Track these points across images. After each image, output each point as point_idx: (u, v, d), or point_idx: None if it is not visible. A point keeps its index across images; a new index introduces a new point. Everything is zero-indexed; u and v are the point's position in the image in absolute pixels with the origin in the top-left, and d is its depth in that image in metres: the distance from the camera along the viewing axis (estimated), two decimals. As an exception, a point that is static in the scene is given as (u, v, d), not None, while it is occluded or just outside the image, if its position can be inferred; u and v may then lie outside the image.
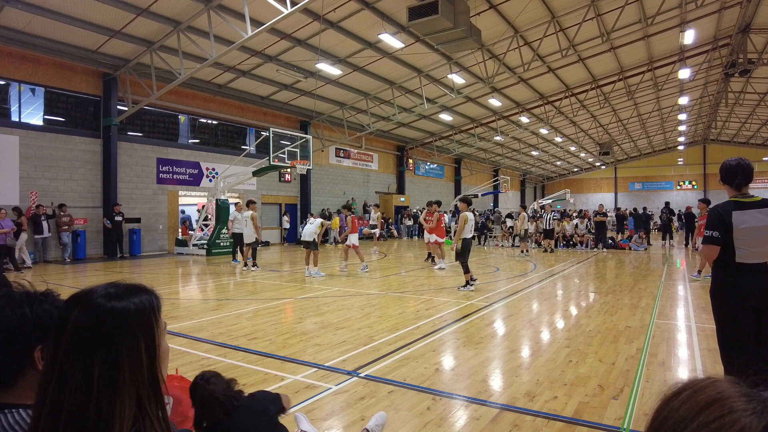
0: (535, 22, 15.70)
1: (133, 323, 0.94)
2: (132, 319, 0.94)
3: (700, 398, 0.59)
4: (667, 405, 0.62)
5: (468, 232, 9.19)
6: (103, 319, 0.91)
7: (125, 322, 0.93)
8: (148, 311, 0.98)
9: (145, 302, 0.98)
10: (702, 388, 0.60)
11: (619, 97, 25.50)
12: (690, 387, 0.62)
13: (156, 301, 1.01)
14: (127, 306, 0.94)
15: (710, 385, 0.60)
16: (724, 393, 0.58)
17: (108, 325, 0.91)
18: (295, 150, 16.92)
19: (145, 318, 0.96)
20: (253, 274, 11.74)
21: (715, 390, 0.59)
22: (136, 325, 0.94)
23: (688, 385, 0.62)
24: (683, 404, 0.60)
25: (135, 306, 0.96)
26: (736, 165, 3.36)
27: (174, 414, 2.25)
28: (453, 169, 37.33)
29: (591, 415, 3.46)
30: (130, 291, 0.98)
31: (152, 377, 0.96)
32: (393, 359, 4.82)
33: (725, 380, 0.61)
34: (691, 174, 45.45)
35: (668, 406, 0.62)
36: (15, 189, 13.79)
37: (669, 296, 8.53)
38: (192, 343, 5.45)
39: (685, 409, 0.59)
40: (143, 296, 0.99)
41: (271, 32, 13.90)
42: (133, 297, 0.97)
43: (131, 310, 0.95)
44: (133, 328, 0.94)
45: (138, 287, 1.01)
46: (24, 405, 1.03)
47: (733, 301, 3.29)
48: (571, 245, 19.87)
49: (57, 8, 12.18)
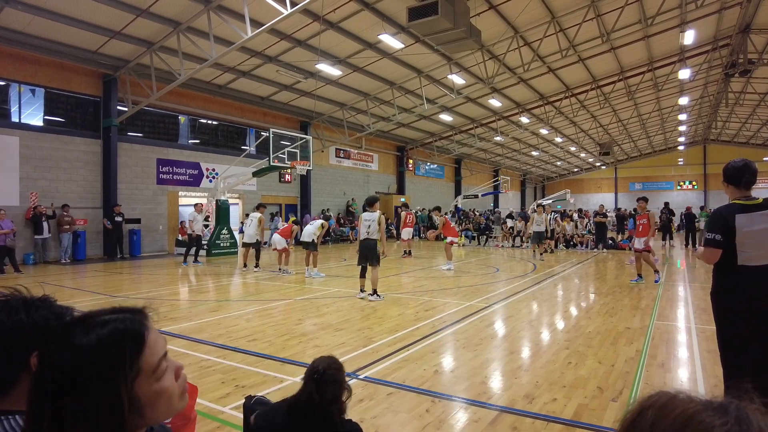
0: (535, 23, 15.70)
1: (88, 380, 0.75)
2: (88, 373, 0.75)
3: (670, 419, 0.56)
4: (634, 427, 0.59)
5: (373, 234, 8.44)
6: (60, 370, 0.75)
7: (80, 376, 0.75)
8: (111, 361, 0.77)
9: (109, 349, 0.77)
10: (664, 406, 0.58)
11: (619, 98, 25.48)
12: (650, 406, 0.59)
13: (134, 336, 0.81)
14: (83, 356, 0.75)
15: (670, 402, 0.58)
16: (690, 410, 0.56)
17: (61, 380, 0.74)
18: (295, 150, 16.91)
19: (104, 373, 0.76)
20: (255, 275, 11.74)
21: (680, 407, 0.57)
22: (91, 383, 0.75)
23: (644, 405, 0.59)
24: (654, 425, 0.57)
25: (94, 355, 0.76)
26: (743, 165, 3.33)
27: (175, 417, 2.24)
28: (453, 170, 37.33)
29: (590, 417, 3.45)
30: (98, 326, 0.79)
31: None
32: (392, 361, 4.82)
33: (680, 395, 0.59)
34: (692, 174, 45.42)
35: (636, 428, 0.58)
36: (15, 190, 13.79)
37: (669, 297, 8.52)
38: (191, 345, 5.45)
39: (658, 430, 0.56)
40: (112, 337, 0.79)
41: (271, 33, 13.90)
42: (96, 339, 0.77)
43: (88, 361, 0.76)
44: (87, 387, 0.75)
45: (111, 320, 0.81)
46: (20, 411, 1.03)
47: (735, 304, 3.26)
48: (571, 246, 19.87)
49: (57, 9, 12.18)
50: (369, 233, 8.28)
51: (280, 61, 16.63)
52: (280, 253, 12.11)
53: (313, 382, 2.01)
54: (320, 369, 2.04)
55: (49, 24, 12.72)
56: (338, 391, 2.05)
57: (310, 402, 1.98)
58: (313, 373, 2.04)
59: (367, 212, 8.42)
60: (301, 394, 2.04)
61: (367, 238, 8.29)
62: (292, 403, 2.06)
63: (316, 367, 2.06)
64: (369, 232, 8.28)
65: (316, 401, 1.97)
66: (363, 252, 8.34)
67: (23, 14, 12.10)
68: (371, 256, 8.26)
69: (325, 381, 2.01)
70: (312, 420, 1.99)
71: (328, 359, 2.12)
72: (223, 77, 17.80)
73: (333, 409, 2.01)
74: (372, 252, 8.26)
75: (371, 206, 8.47)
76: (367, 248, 8.29)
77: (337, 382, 2.04)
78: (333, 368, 2.07)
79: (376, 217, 8.28)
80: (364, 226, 8.32)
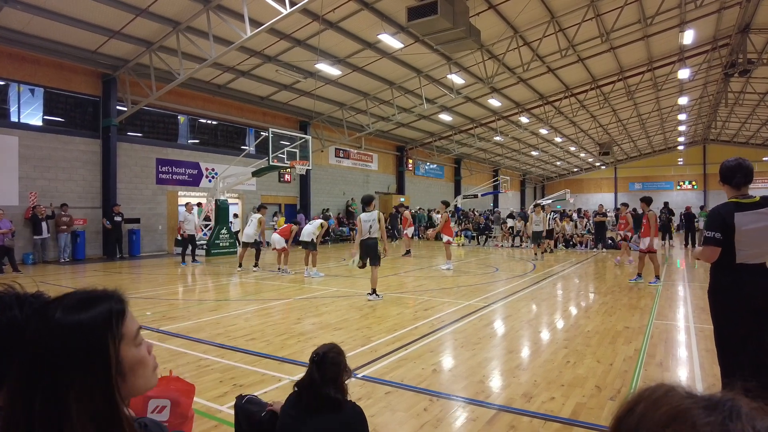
0: (534, 23, 15.70)
1: (83, 342, 0.84)
2: (82, 337, 0.84)
3: (657, 415, 0.55)
4: (623, 423, 0.58)
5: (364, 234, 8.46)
6: (52, 339, 0.82)
7: (74, 341, 0.82)
8: (101, 325, 0.86)
9: (99, 314, 0.87)
10: (656, 401, 0.57)
11: (618, 98, 25.49)
12: (643, 399, 0.58)
13: (117, 307, 0.91)
14: (78, 320, 0.84)
15: (664, 397, 0.57)
16: (681, 406, 0.55)
17: (54, 348, 0.81)
18: (295, 150, 16.92)
19: (96, 333, 0.86)
20: (255, 274, 11.74)
21: (671, 403, 0.56)
22: (87, 344, 0.84)
23: (639, 397, 0.59)
24: (640, 421, 0.56)
25: (87, 319, 0.85)
26: (736, 164, 3.33)
27: (173, 416, 2.25)
28: (453, 170, 37.33)
29: (588, 416, 3.45)
30: (86, 301, 0.88)
31: (108, 406, 0.84)
32: (391, 360, 4.82)
33: (678, 388, 0.58)
34: (691, 174, 45.42)
35: (624, 424, 0.58)
36: (14, 189, 13.79)
37: (668, 296, 8.53)
38: (190, 344, 5.45)
39: (644, 427, 0.56)
40: (100, 306, 0.88)
41: (270, 32, 13.90)
42: (87, 309, 0.87)
43: (82, 325, 0.84)
44: (82, 350, 0.83)
45: (96, 295, 0.91)
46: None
47: (733, 302, 3.27)
48: (570, 246, 19.87)
49: (56, 9, 12.18)
50: (371, 232, 8.30)
51: (280, 60, 16.63)
52: (279, 253, 12.12)
53: (314, 364, 2.18)
54: (320, 352, 2.22)
55: (49, 24, 12.71)
56: (337, 372, 2.20)
57: (312, 382, 2.15)
58: (315, 355, 2.22)
59: (365, 212, 8.44)
60: (305, 376, 2.22)
61: (368, 237, 8.31)
62: (298, 384, 2.24)
63: (318, 350, 2.24)
64: (371, 231, 8.30)
65: (316, 381, 2.13)
66: (364, 251, 8.36)
67: (22, 14, 12.09)
68: (372, 256, 8.29)
69: (325, 362, 2.18)
70: (314, 399, 2.14)
71: (330, 344, 2.31)
72: (222, 77, 17.80)
73: (333, 389, 2.16)
74: (373, 251, 8.29)
75: (368, 205, 8.50)
76: (368, 247, 8.31)
77: (337, 364, 2.20)
78: (333, 351, 2.25)
79: (375, 215, 8.31)
80: (365, 226, 8.34)
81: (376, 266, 8.34)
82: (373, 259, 8.30)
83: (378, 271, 8.45)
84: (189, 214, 14.21)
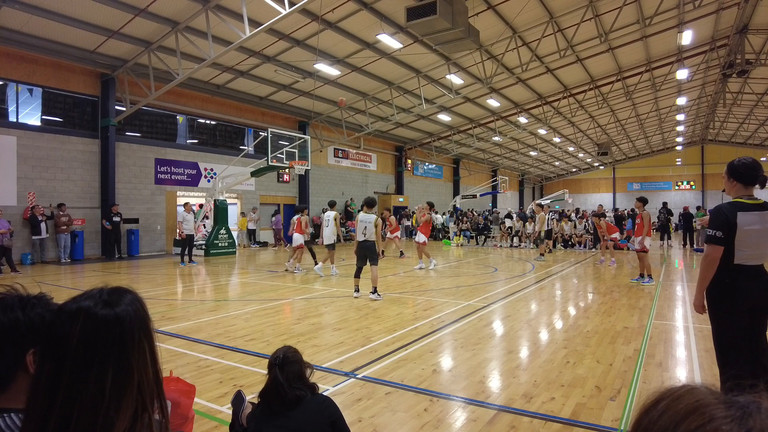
0: (533, 23, 15.72)
1: (136, 326, 0.96)
2: (135, 322, 0.96)
3: (679, 407, 0.58)
4: (646, 415, 0.61)
5: (358, 235, 8.51)
6: (112, 328, 0.92)
7: (131, 326, 0.95)
8: (142, 312, 0.98)
9: (137, 303, 0.99)
10: (679, 396, 0.60)
11: (617, 98, 25.53)
12: (668, 396, 0.61)
13: (143, 300, 1.02)
14: (127, 310, 0.95)
15: (687, 393, 0.59)
16: (702, 401, 0.57)
17: (117, 333, 0.93)
18: (294, 150, 16.92)
19: (143, 319, 0.98)
20: (259, 275, 11.73)
21: (694, 398, 0.58)
22: (139, 327, 0.96)
23: (665, 394, 0.61)
24: (662, 414, 0.59)
25: (133, 309, 0.97)
26: (754, 162, 3.32)
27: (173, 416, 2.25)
28: (451, 170, 37.35)
29: (588, 416, 3.46)
30: (120, 294, 0.99)
31: (156, 374, 0.98)
32: (390, 360, 4.82)
33: (702, 387, 0.60)
34: (690, 174, 45.50)
35: (647, 416, 0.60)
36: (12, 189, 13.75)
37: (667, 297, 8.54)
38: (189, 344, 5.44)
39: (664, 419, 0.58)
40: (131, 296, 0.99)
41: (269, 33, 13.89)
42: (125, 300, 0.97)
43: (131, 313, 0.96)
44: (137, 331, 0.95)
45: (122, 290, 1.00)
46: (17, 409, 1.03)
47: (730, 302, 3.28)
48: (569, 246, 19.89)
49: (55, 8, 12.16)
50: (366, 235, 8.35)
51: (279, 60, 16.62)
52: (295, 250, 12.19)
53: (275, 367, 2.21)
54: (279, 355, 2.27)
55: (47, 23, 12.69)
56: (300, 369, 2.26)
57: (276, 385, 2.18)
58: (275, 360, 2.25)
59: (364, 213, 8.45)
60: (268, 382, 2.24)
61: (365, 240, 8.37)
62: (262, 392, 2.25)
63: (275, 355, 2.29)
64: (366, 234, 8.34)
65: (283, 383, 2.17)
66: (362, 252, 8.42)
67: (21, 13, 12.07)
68: (371, 256, 8.35)
69: (286, 363, 2.23)
70: (282, 401, 2.16)
71: (284, 347, 2.34)
72: (221, 77, 17.78)
73: (300, 386, 2.21)
74: (371, 252, 8.35)
75: (370, 208, 8.53)
76: (365, 248, 8.39)
77: (297, 362, 2.26)
78: (290, 351, 2.30)
79: (373, 219, 8.34)
80: (360, 227, 8.38)
81: (375, 266, 8.38)
82: (371, 258, 8.36)
83: (377, 271, 8.48)
84: (188, 214, 14.19)
